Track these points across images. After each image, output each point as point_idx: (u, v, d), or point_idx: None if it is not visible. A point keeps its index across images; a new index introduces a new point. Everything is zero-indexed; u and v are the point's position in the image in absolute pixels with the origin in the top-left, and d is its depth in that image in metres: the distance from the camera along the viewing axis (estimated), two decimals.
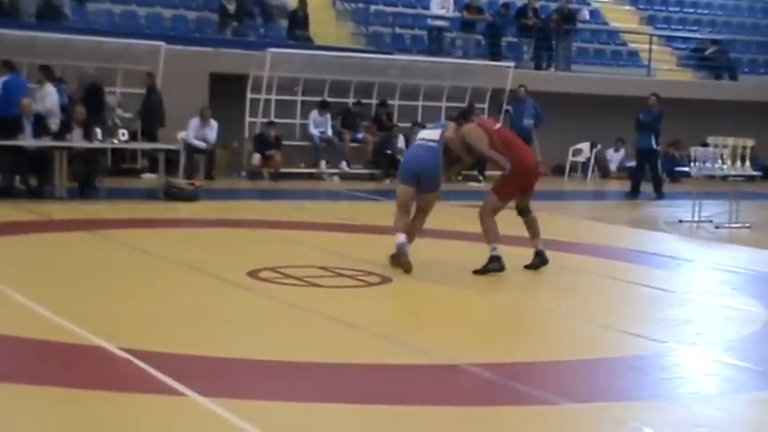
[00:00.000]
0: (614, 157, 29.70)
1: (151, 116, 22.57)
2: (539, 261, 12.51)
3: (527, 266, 12.44)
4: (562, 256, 13.42)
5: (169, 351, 8.02)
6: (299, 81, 25.20)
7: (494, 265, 11.86)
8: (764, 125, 27.26)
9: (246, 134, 24.24)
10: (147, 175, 21.89)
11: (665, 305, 11.26)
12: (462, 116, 12.62)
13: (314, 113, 24.82)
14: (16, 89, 19.14)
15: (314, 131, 24.70)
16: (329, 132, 24.88)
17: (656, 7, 35.94)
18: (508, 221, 12.58)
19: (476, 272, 11.86)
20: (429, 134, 12.37)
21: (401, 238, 11.82)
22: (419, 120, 25.55)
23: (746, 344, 9.54)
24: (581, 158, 29.14)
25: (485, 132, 12.10)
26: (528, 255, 12.53)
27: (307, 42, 26.57)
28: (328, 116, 24.90)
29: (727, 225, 17.74)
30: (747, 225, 18.04)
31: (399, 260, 11.85)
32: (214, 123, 22.88)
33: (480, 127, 12.22)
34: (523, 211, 12.49)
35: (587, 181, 28.57)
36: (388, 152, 24.89)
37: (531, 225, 12.55)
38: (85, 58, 22.68)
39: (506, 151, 12.08)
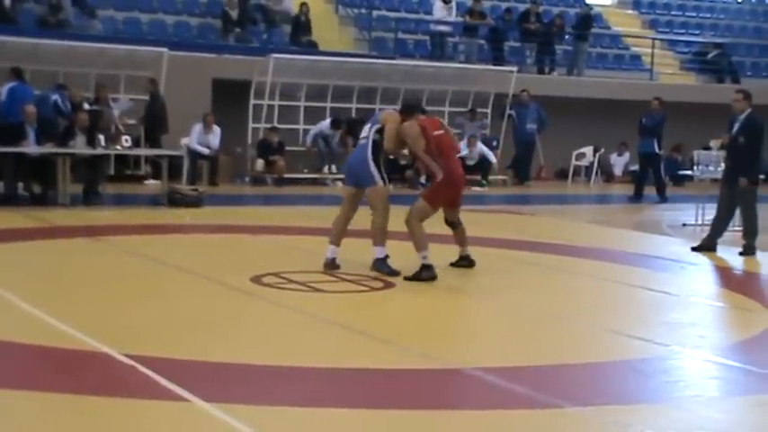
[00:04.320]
0: (618, 161, 29.69)
1: (155, 122, 22.61)
2: (466, 263, 12.50)
3: (453, 264, 12.47)
4: (565, 259, 13.42)
5: (173, 357, 8.03)
6: (302, 87, 25.21)
7: (427, 274, 11.72)
8: None
9: (249, 140, 24.27)
10: (151, 182, 21.92)
11: (668, 308, 11.26)
12: (409, 110, 12.39)
13: (325, 124, 24.71)
14: (22, 97, 19.22)
15: (318, 138, 24.67)
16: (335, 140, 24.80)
17: (658, 11, 36.01)
18: (498, 224, 12.59)
19: (407, 278, 11.70)
20: (363, 131, 12.31)
21: (329, 251, 12.30)
22: None
23: (750, 347, 9.54)
24: (584, 162, 29.14)
25: (423, 134, 12.00)
26: (525, 258, 12.53)
27: (310, 48, 26.60)
28: (338, 133, 24.79)
29: (730, 228, 17.69)
30: None
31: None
32: (217, 129, 22.91)
33: (421, 128, 12.08)
34: (453, 224, 12.44)
35: (591, 185, 28.56)
36: (391, 157, 24.81)
37: (460, 236, 12.51)
38: (89, 65, 22.74)
39: (439, 158, 12.00)
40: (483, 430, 6.77)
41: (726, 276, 13.92)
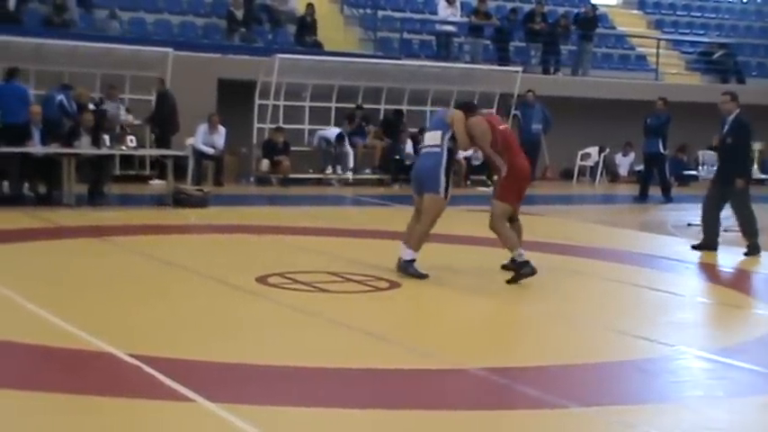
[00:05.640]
0: (623, 162, 29.68)
1: (164, 122, 22.53)
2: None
3: (504, 266, 12.39)
4: (571, 259, 13.41)
5: (178, 357, 8.03)
6: (308, 87, 25.22)
7: (526, 270, 11.76)
8: None
9: (255, 140, 24.27)
10: (156, 182, 21.90)
11: (673, 308, 11.25)
12: (469, 108, 12.43)
13: (331, 132, 24.72)
14: (9, 97, 19.20)
15: (323, 141, 24.69)
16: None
17: (663, 11, 35.99)
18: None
19: (509, 282, 11.75)
20: (430, 138, 12.13)
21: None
22: (427, 125, 25.60)
23: (755, 347, 9.53)
24: (589, 162, 29.12)
25: (490, 130, 12.04)
26: (530, 258, 12.47)
27: (315, 48, 26.60)
28: (346, 143, 24.79)
29: (735, 228, 17.67)
30: None
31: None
32: (222, 129, 22.91)
33: (488, 123, 12.15)
34: (511, 219, 12.37)
35: (596, 185, 28.54)
36: (397, 157, 24.90)
37: (517, 233, 12.48)
38: (93, 65, 22.74)
39: (505, 153, 12.01)
40: (489, 430, 6.77)
41: (731, 276, 13.90)
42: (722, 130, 15.40)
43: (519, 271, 11.77)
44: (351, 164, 24.87)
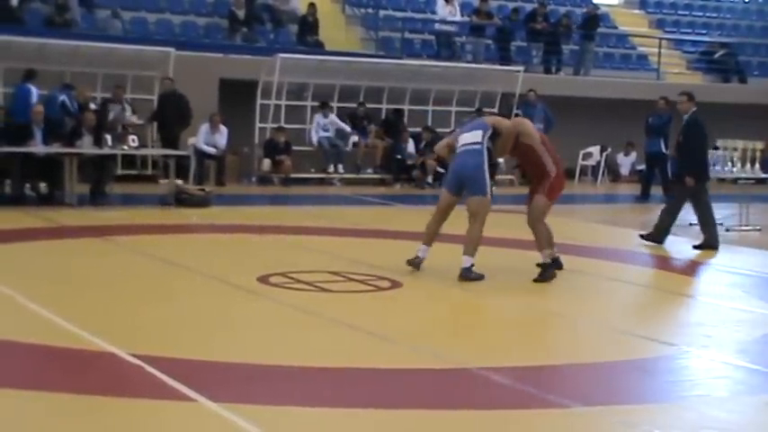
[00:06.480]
0: (624, 161, 29.67)
1: (171, 121, 22.35)
2: (555, 266, 12.62)
3: (539, 265, 12.48)
4: (573, 259, 13.40)
5: (180, 357, 8.04)
6: (309, 86, 25.22)
7: (550, 272, 11.94)
8: None
9: (256, 140, 24.26)
10: (165, 181, 21.84)
11: (675, 308, 11.25)
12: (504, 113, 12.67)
13: (318, 117, 24.76)
14: (18, 98, 19.33)
15: (320, 135, 24.64)
16: (333, 133, 24.80)
17: (665, 11, 35.98)
18: (506, 224, 12.58)
19: (536, 280, 11.87)
20: (469, 138, 12.02)
21: (420, 250, 12.11)
22: (429, 124, 25.64)
23: (757, 346, 9.53)
24: (591, 162, 29.12)
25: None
26: (532, 257, 12.48)
27: (317, 48, 26.59)
28: (333, 117, 24.84)
29: (737, 228, 17.71)
30: (758, 228, 18.01)
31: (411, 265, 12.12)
32: (224, 129, 22.91)
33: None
34: None
35: (598, 185, 28.54)
36: (398, 157, 24.90)
37: (548, 236, 12.66)
38: (95, 65, 22.73)
39: (551, 154, 12.18)
40: (491, 430, 6.77)
41: (732, 276, 13.89)
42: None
43: (546, 271, 11.93)
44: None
